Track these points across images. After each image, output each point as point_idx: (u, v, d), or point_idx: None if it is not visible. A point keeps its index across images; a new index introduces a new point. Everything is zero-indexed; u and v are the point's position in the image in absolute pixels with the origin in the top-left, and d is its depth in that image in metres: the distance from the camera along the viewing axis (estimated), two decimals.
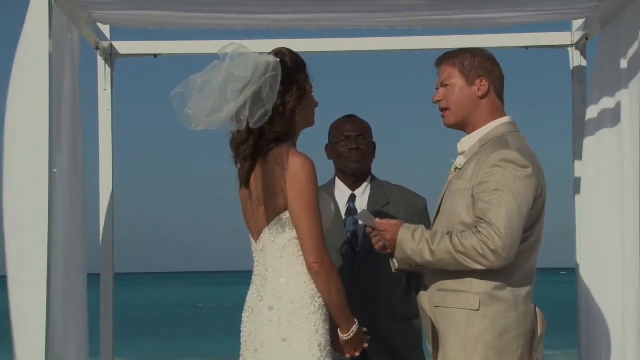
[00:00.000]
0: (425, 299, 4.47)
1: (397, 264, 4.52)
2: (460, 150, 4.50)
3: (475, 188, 4.29)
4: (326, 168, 5.55)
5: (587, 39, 5.72)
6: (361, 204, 5.43)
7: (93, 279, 5.43)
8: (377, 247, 4.53)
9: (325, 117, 5.57)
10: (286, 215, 4.37)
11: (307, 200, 4.31)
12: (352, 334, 4.44)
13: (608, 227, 5.27)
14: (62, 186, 4.93)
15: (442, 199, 4.48)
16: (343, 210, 5.46)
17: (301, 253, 4.36)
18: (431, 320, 4.42)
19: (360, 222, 5.26)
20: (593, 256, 5.40)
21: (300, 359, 4.31)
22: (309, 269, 4.35)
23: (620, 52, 5.06)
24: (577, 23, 5.75)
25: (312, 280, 4.37)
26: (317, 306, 4.37)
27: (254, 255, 4.50)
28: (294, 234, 4.37)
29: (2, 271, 4.64)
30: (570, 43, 5.83)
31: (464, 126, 4.49)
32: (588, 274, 5.44)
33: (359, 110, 5.77)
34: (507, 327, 4.29)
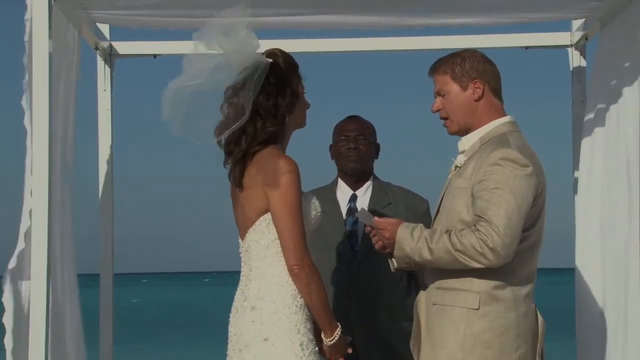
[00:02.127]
0: (422, 297, 4.47)
1: (395, 264, 4.52)
2: (460, 148, 4.49)
3: (475, 186, 4.29)
4: (331, 168, 5.58)
5: (586, 39, 5.72)
6: (362, 204, 5.43)
7: (93, 279, 5.43)
8: (376, 246, 4.52)
9: (325, 117, 5.58)
10: (269, 216, 4.38)
11: (288, 203, 4.32)
12: (335, 338, 4.44)
13: (605, 227, 5.26)
14: (57, 185, 4.93)
15: (442, 197, 4.48)
16: (344, 210, 5.46)
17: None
18: (424, 319, 4.41)
19: (360, 222, 5.26)
20: (591, 256, 5.40)
21: (282, 358, 4.31)
22: (290, 270, 4.35)
23: (620, 52, 5.06)
24: (577, 23, 5.75)
25: None
26: (298, 306, 4.37)
27: (240, 255, 4.52)
28: (277, 234, 4.38)
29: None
30: (569, 43, 5.83)
31: (466, 130, 4.49)
32: (585, 274, 5.44)
33: (361, 111, 5.78)
34: (507, 326, 4.29)
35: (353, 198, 5.48)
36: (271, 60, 4.43)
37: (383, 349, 5.31)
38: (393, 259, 4.50)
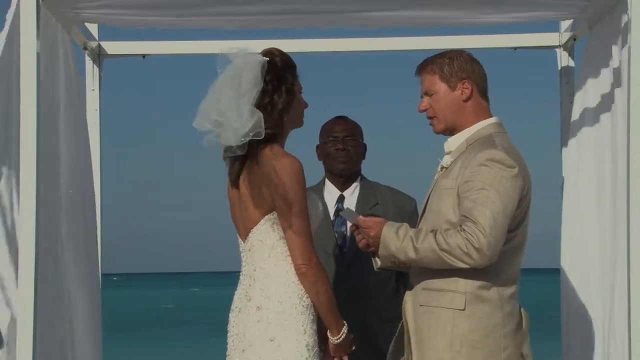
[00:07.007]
0: (409, 298, 4.47)
1: (379, 263, 4.52)
2: (447, 149, 4.50)
3: (461, 187, 4.30)
4: (317, 169, 5.56)
5: (575, 39, 5.73)
6: (350, 204, 5.43)
7: None
8: (360, 245, 4.53)
9: (321, 117, 5.57)
10: (274, 215, 4.37)
11: (294, 202, 4.32)
12: (342, 337, 4.45)
13: (592, 227, 5.27)
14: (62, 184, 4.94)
15: (429, 198, 4.49)
16: (332, 211, 5.46)
17: (289, 253, 4.36)
18: (412, 321, 4.41)
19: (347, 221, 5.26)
20: (575, 257, 5.41)
21: (288, 358, 4.31)
22: (297, 270, 4.35)
23: (607, 54, 5.06)
24: (565, 24, 5.76)
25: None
26: (305, 306, 4.38)
27: (241, 255, 4.50)
28: (282, 234, 4.37)
29: None
30: (558, 44, 5.84)
31: (452, 130, 4.50)
32: (570, 275, 5.45)
33: (352, 111, 5.78)
34: (494, 326, 4.30)
35: (341, 199, 5.48)
36: (267, 58, 4.43)
37: (372, 350, 5.30)
38: (377, 258, 4.51)
